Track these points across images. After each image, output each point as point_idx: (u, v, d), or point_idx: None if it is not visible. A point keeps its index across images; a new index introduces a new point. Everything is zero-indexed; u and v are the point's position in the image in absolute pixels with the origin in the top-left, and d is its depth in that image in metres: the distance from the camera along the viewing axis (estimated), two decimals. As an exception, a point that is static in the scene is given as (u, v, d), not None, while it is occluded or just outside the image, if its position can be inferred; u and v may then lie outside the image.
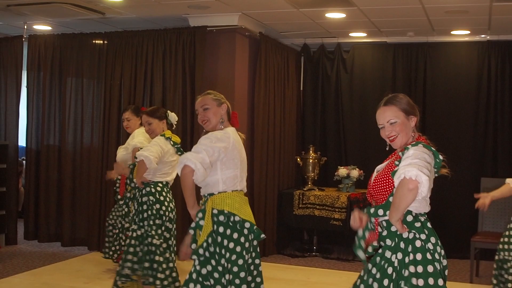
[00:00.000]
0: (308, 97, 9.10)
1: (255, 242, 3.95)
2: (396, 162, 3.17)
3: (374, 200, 3.28)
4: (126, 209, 6.27)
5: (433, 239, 3.12)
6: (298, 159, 8.47)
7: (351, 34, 8.50)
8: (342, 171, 8.14)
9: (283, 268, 7.51)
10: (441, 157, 3.19)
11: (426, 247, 3.06)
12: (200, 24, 7.43)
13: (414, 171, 2.92)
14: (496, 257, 5.18)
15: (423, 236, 3.09)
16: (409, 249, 3.07)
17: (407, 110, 3.25)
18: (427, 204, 3.20)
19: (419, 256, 3.04)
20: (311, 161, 8.35)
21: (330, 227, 7.93)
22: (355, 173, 8.08)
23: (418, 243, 3.06)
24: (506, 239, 5.15)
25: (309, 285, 6.73)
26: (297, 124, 9.01)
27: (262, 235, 3.93)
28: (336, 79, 8.90)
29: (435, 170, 3.20)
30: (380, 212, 3.18)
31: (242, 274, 3.77)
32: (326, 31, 8.25)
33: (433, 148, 3.19)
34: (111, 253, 6.60)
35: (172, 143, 5.28)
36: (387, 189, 3.18)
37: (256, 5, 6.95)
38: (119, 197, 6.47)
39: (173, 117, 5.45)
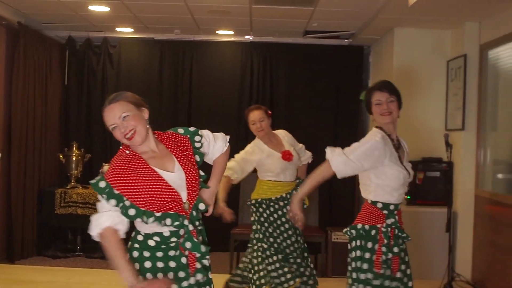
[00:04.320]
0: (72, 92, 8.78)
1: None
2: (197, 145, 3.17)
3: (189, 202, 3.02)
4: None
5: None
6: (61, 156, 8.16)
7: (118, 29, 8.38)
8: (107, 168, 7.97)
9: (43, 270, 7.19)
10: None
11: None
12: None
13: None
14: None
15: None
16: None
17: (136, 102, 3.03)
18: None
19: None
20: (74, 158, 8.09)
21: (94, 225, 7.71)
22: (120, 169, 7.96)
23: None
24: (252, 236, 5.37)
25: (69, 286, 6.52)
26: (60, 120, 8.66)
27: None
28: (102, 74, 8.71)
29: None
30: (202, 206, 3.08)
31: None
32: (92, 24, 8.05)
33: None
34: None
35: None
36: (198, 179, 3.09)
37: (13, -7, 6.58)
38: None
39: None
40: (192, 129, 3.24)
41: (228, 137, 3.40)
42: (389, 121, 3.79)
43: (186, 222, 2.97)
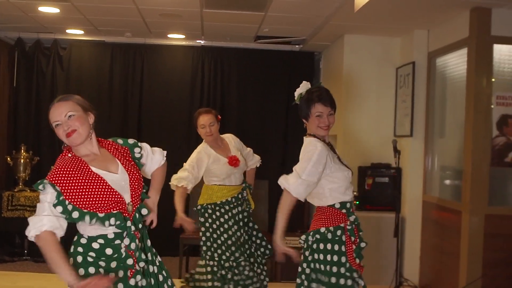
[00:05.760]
0: (21, 94, 8.62)
1: None
2: (137, 156, 3.25)
3: (133, 204, 3.09)
4: None
5: None
6: (8, 159, 8.01)
7: (68, 31, 8.27)
8: (55, 171, 7.87)
9: (-11, 274, 7.08)
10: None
11: None
12: None
13: None
14: None
15: None
16: None
17: (84, 105, 3.10)
18: None
19: None
20: (22, 160, 7.95)
21: (41, 229, 7.61)
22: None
23: None
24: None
25: (14, 290, 6.42)
26: (9, 122, 8.51)
27: None
28: (52, 76, 8.59)
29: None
30: (144, 211, 3.14)
31: None
32: (42, 26, 7.92)
33: None
34: None
35: None
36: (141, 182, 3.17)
37: (-41, -8, 6.43)
38: None
39: None
40: (131, 141, 3.29)
41: (165, 152, 3.48)
42: (325, 134, 3.85)
43: (128, 223, 3.01)
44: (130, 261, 3.01)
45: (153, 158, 3.38)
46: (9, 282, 6.70)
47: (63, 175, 2.92)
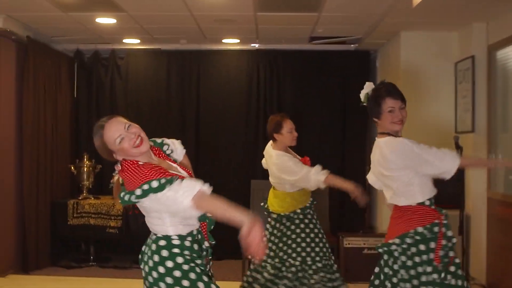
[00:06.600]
0: (82, 104, 8.83)
1: None
2: (168, 152, 3.29)
3: None
4: None
5: None
6: (72, 168, 8.19)
7: (125, 41, 8.41)
8: (117, 178, 7.99)
9: (57, 280, 7.24)
10: None
11: None
12: (-42, 26, 6.88)
13: None
14: None
15: None
16: None
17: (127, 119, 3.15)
18: None
19: None
20: (85, 169, 8.12)
21: (106, 236, 7.79)
22: (130, 180, 7.98)
23: None
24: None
25: (83, 296, 6.57)
26: (71, 132, 8.71)
27: None
28: (110, 86, 8.76)
29: None
30: None
31: None
32: (99, 36, 8.08)
33: None
34: None
35: None
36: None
37: (21, 8, 6.58)
38: None
39: None
40: (159, 140, 3.35)
41: (180, 141, 3.49)
42: (400, 129, 3.73)
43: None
44: (207, 245, 3.13)
45: (177, 150, 3.40)
46: (77, 286, 6.86)
47: (157, 170, 2.91)
